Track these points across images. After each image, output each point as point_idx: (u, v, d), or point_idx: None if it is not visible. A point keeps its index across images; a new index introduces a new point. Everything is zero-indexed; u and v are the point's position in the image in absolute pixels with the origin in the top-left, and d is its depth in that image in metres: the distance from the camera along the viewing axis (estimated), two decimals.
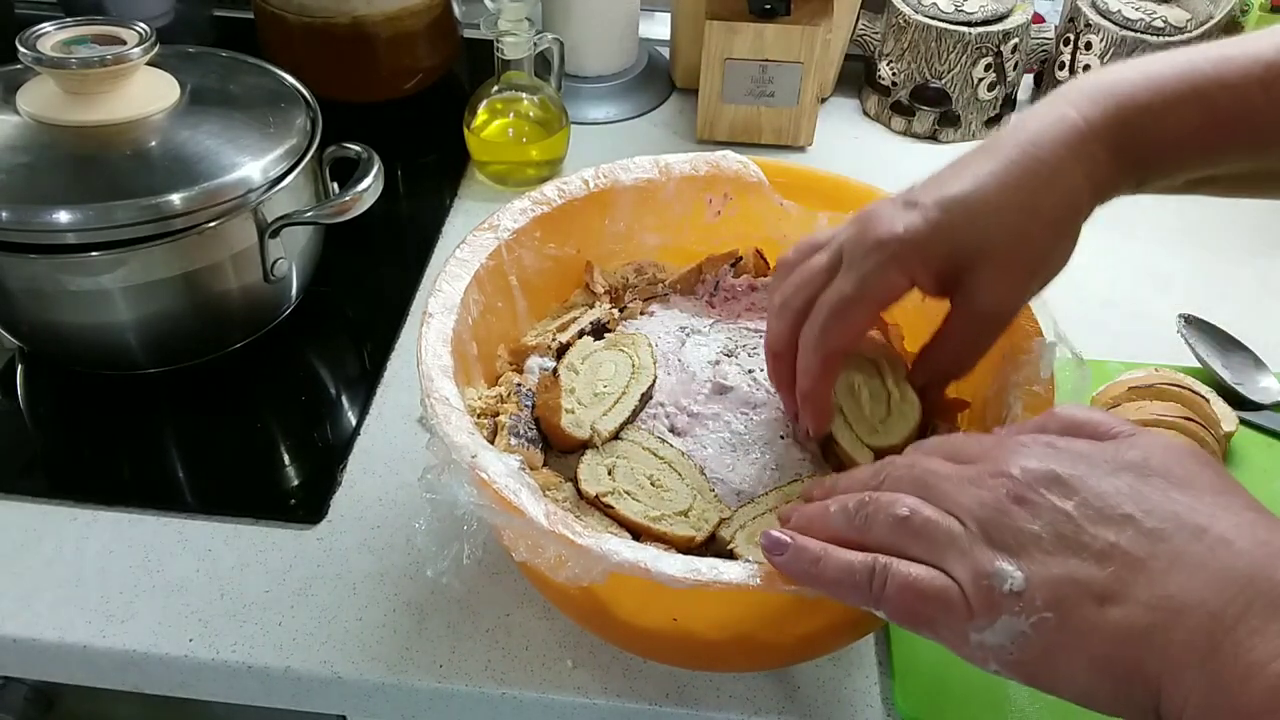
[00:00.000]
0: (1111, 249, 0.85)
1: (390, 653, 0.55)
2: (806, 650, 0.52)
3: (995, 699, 0.53)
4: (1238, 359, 0.72)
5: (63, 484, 0.63)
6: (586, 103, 0.99)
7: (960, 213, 0.43)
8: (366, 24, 0.90)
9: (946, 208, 0.43)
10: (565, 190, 0.60)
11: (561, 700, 0.53)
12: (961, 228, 0.43)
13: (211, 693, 0.56)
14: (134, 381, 0.69)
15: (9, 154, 0.61)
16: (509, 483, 0.43)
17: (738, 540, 0.48)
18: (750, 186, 0.62)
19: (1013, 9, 0.95)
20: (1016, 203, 0.43)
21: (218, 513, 0.61)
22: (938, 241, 0.44)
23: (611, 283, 0.63)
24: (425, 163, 0.93)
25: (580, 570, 0.41)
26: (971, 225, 0.43)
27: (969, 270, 0.44)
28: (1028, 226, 0.44)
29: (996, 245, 0.44)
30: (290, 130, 0.67)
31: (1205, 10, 0.94)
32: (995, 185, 0.43)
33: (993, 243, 0.44)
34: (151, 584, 0.57)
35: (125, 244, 0.60)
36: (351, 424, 0.67)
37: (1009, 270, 0.45)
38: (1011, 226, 0.43)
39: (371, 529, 0.61)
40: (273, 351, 0.72)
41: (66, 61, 0.61)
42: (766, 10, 0.88)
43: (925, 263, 0.44)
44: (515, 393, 0.55)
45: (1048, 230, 0.44)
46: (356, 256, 0.81)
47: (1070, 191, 0.44)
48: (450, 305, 0.53)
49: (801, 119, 0.93)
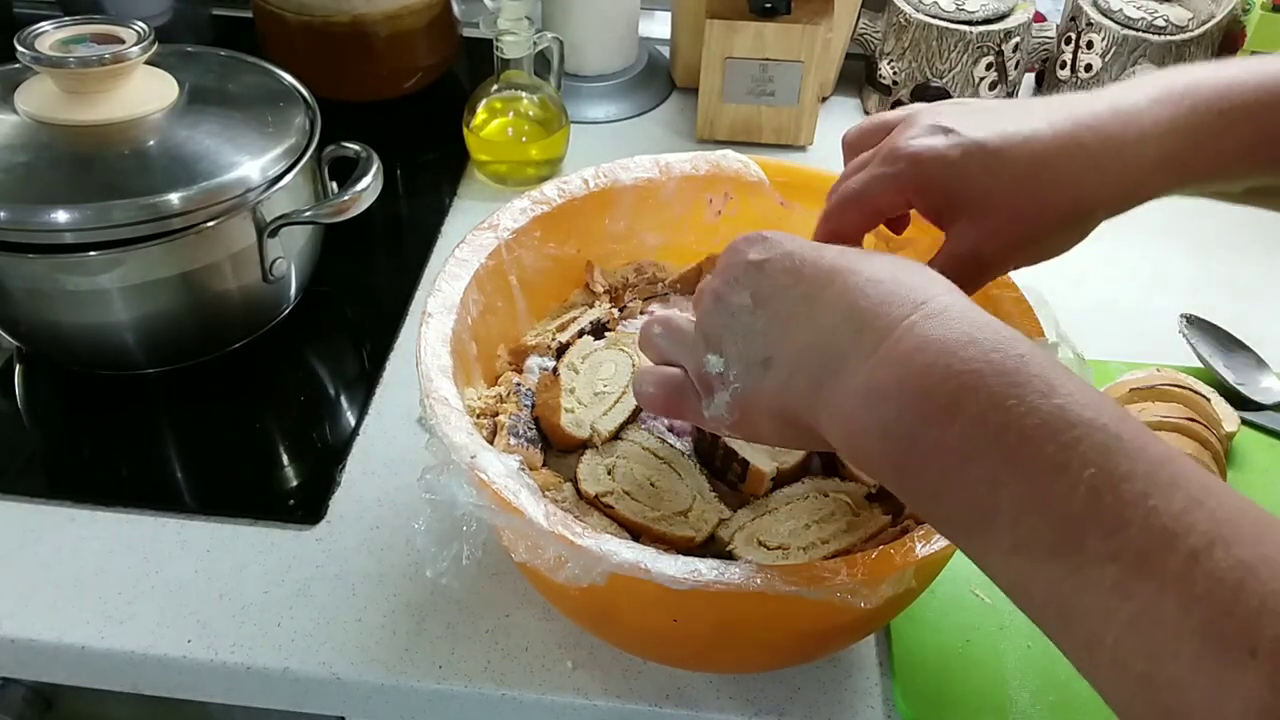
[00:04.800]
0: (1113, 249, 0.85)
1: (389, 653, 0.54)
2: (807, 651, 0.52)
3: (996, 699, 0.53)
4: (1239, 359, 0.72)
5: (61, 484, 0.63)
6: (586, 102, 0.99)
7: (979, 161, 0.43)
8: (366, 23, 0.89)
9: (969, 151, 0.43)
10: (565, 190, 0.60)
11: (561, 701, 0.53)
12: (974, 176, 0.43)
13: (210, 693, 0.56)
14: (132, 381, 0.69)
15: (7, 153, 0.61)
16: (508, 483, 0.43)
17: (737, 540, 0.48)
18: (750, 186, 0.62)
19: (1014, 8, 0.95)
20: (1038, 178, 0.43)
21: (217, 513, 0.61)
22: (945, 178, 0.43)
23: (611, 282, 0.63)
24: (425, 162, 0.93)
25: (580, 570, 0.41)
26: (984, 177, 0.43)
27: (965, 216, 0.44)
28: (1038, 207, 0.43)
29: (998, 208, 0.44)
30: (289, 129, 0.67)
31: (1207, 9, 0.93)
32: (1026, 152, 0.43)
33: (995, 205, 0.44)
34: (150, 584, 0.57)
35: (123, 244, 0.60)
36: (351, 424, 0.67)
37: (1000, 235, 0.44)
38: (1022, 197, 0.43)
39: (371, 529, 0.61)
40: (272, 351, 0.72)
41: (65, 61, 0.61)
42: (767, 9, 0.88)
43: (924, 193, 0.44)
44: (515, 392, 0.55)
45: (1055, 219, 0.44)
46: (356, 256, 0.81)
47: (1096, 188, 0.43)
48: (450, 305, 0.53)
49: (802, 118, 0.93)
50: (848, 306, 0.36)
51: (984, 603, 0.57)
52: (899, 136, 0.45)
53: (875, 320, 0.35)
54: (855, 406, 0.35)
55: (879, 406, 0.34)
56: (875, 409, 0.34)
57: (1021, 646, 0.55)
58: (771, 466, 0.51)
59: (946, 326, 0.34)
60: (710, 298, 0.41)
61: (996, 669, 0.54)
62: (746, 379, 0.40)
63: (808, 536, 0.48)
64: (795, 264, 0.39)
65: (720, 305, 0.41)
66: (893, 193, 0.45)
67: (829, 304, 0.37)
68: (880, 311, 0.35)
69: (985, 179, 0.43)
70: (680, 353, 0.43)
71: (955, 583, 0.57)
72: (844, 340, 0.36)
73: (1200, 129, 0.44)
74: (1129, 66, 0.94)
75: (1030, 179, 0.43)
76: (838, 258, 0.38)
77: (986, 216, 0.44)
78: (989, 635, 0.56)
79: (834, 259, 0.38)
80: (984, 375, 0.32)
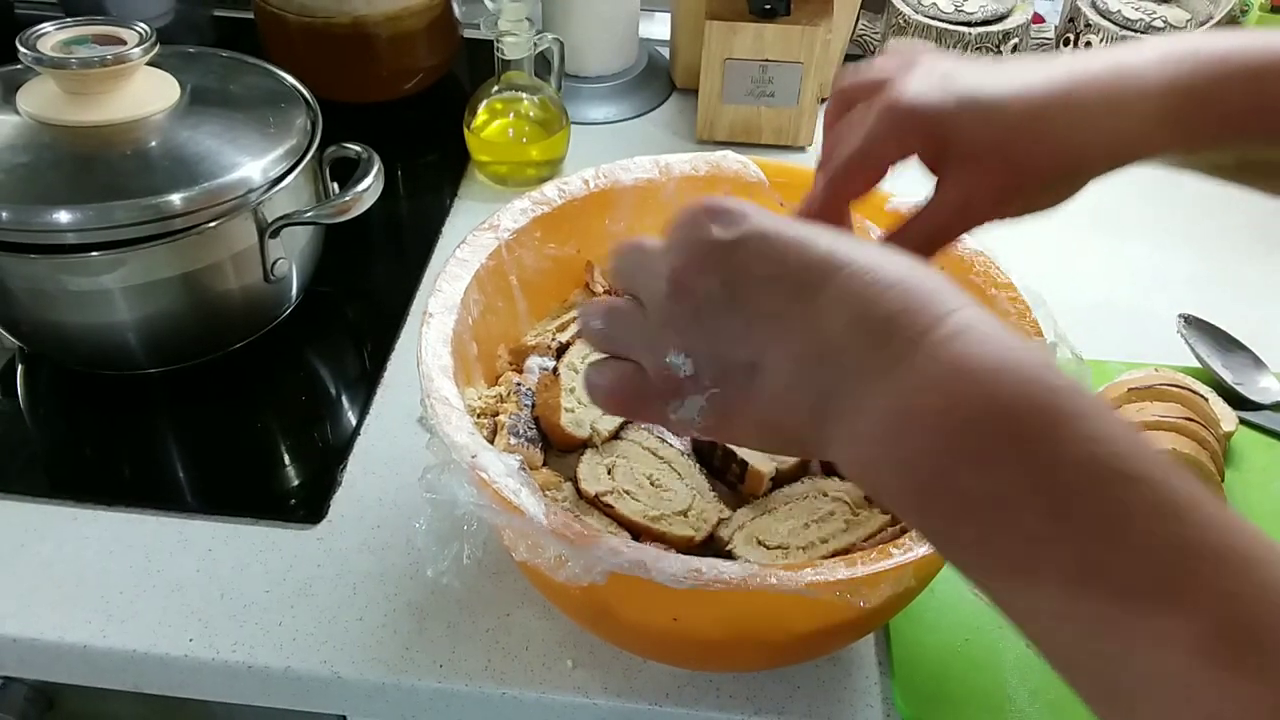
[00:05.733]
0: (1111, 249, 0.85)
1: (390, 653, 0.55)
2: (806, 650, 0.52)
3: (995, 699, 0.53)
4: (1238, 359, 0.72)
5: (63, 484, 0.63)
6: (586, 103, 0.99)
7: (975, 114, 0.43)
8: (367, 24, 0.90)
9: (965, 103, 0.43)
10: (565, 190, 0.60)
11: (561, 700, 0.53)
12: (967, 127, 0.43)
13: (211, 693, 0.56)
14: (134, 381, 0.69)
15: (9, 154, 0.61)
16: (509, 482, 0.43)
17: (737, 540, 0.48)
18: (750, 186, 0.62)
19: (1012, 9, 0.95)
20: (1031, 130, 0.43)
21: (218, 513, 0.61)
22: (941, 128, 0.43)
23: (611, 283, 0.63)
24: (425, 163, 0.93)
25: (580, 570, 0.41)
26: (978, 126, 0.43)
27: (957, 164, 0.44)
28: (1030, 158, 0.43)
29: (990, 158, 0.43)
30: (290, 130, 0.67)
31: (1205, 10, 0.94)
32: (1021, 104, 0.43)
33: (987, 154, 0.43)
34: (151, 584, 0.57)
35: (125, 244, 0.60)
36: (351, 424, 0.67)
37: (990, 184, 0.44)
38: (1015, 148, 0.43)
39: (371, 529, 0.61)
40: (273, 351, 0.72)
41: (67, 61, 0.61)
42: (766, 10, 0.88)
43: (923, 141, 0.44)
44: (515, 392, 0.55)
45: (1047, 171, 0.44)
46: (357, 257, 0.81)
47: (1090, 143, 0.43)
48: (450, 305, 0.53)
49: (801, 119, 0.93)
50: (855, 312, 0.33)
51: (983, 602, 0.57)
52: (895, 87, 0.44)
53: (893, 333, 0.32)
54: (874, 434, 0.32)
55: (906, 438, 0.31)
56: (901, 440, 0.31)
57: (1020, 645, 0.55)
58: (771, 467, 0.51)
59: (979, 346, 0.31)
60: (668, 282, 0.36)
61: (995, 668, 0.55)
62: (727, 386, 0.36)
63: (807, 536, 0.48)
64: (778, 251, 0.34)
65: (682, 293, 0.36)
66: (894, 144, 0.44)
67: (829, 305, 0.33)
68: (898, 321, 0.32)
69: (979, 129, 0.43)
70: (633, 345, 0.38)
71: (954, 582, 0.57)
72: (855, 353, 0.32)
73: (1200, 90, 0.43)
74: None
75: (1024, 130, 0.43)
76: (831, 248, 0.34)
77: (978, 165, 0.43)
78: (988, 634, 0.56)
79: (827, 249, 0.34)
80: (1027, 410, 0.29)
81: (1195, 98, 0.43)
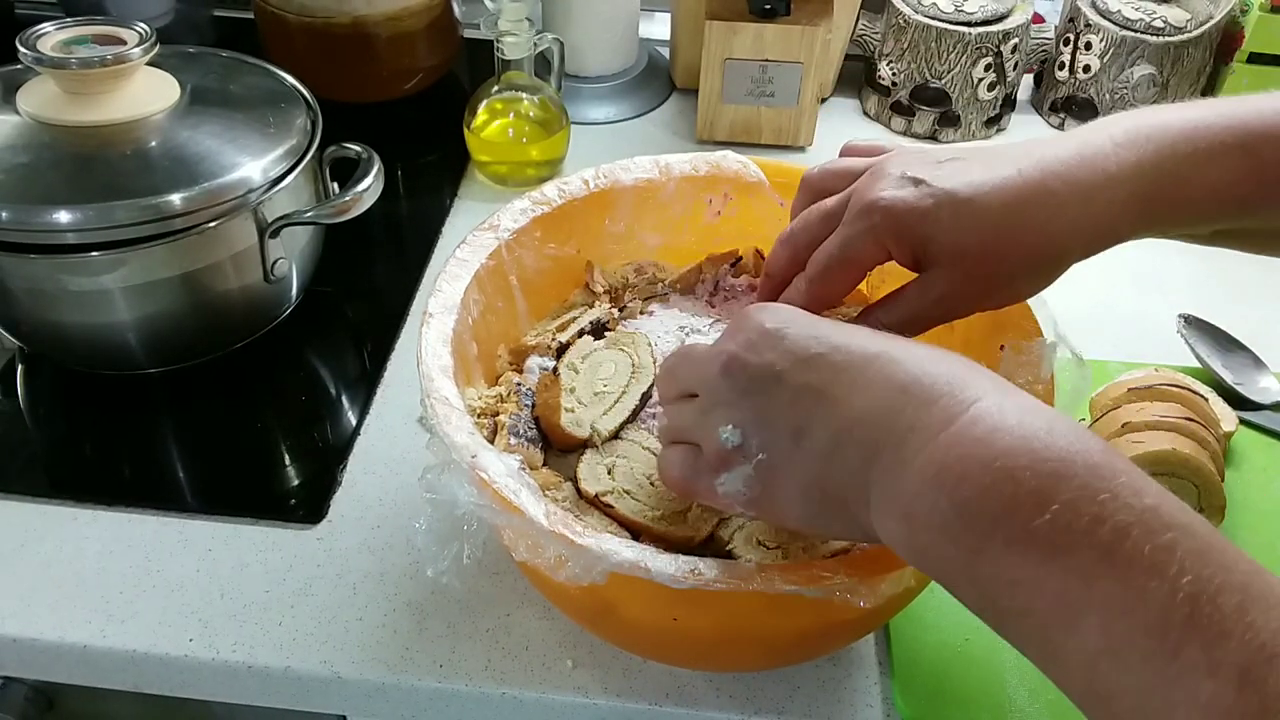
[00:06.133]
0: (1111, 250, 0.85)
1: (390, 653, 0.55)
2: (806, 650, 0.52)
3: (995, 699, 0.53)
4: (1238, 359, 0.72)
5: (63, 484, 0.63)
6: (586, 103, 0.99)
7: (949, 212, 0.43)
8: (367, 24, 0.90)
9: (940, 201, 0.43)
10: (565, 190, 0.60)
11: (561, 700, 0.53)
12: (946, 225, 0.43)
13: (211, 692, 0.56)
14: (134, 381, 0.69)
15: (9, 154, 0.61)
16: (509, 482, 0.43)
17: (737, 540, 0.48)
18: (750, 186, 0.62)
19: (1012, 9, 0.95)
20: (1008, 226, 0.43)
21: (218, 513, 0.61)
22: (918, 228, 0.44)
23: (611, 282, 0.63)
24: (425, 163, 0.93)
25: (580, 570, 0.41)
26: (956, 226, 0.43)
27: (935, 263, 0.45)
28: (1008, 254, 0.44)
29: (970, 256, 0.44)
30: (290, 130, 0.67)
31: (1205, 10, 0.94)
32: (996, 200, 0.43)
33: (966, 253, 0.44)
34: (151, 584, 0.57)
35: (125, 244, 0.60)
36: (351, 424, 0.67)
37: (971, 281, 0.45)
38: (993, 245, 0.43)
39: (371, 529, 0.61)
40: (273, 351, 0.72)
41: (67, 61, 0.61)
42: (766, 10, 0.88)
43: (899, 243, 0.44)
44: (515, 392, 0.55)
45: (1026, 265, 0.44)
46: (357, 257, 0.81)
47: (1066, 234, 0.44)
48: (450, 305, 0.53)
49: (801, 119, 0.93)
50: (903, 382, 0.35)
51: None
52: (870, 189, 0.45)
53: (941, 398, 0.34)
54: (921, 486, 0.33)
55: (954, 488, 0.32)
56: (949, 490, 0.32)
57: None
58: None
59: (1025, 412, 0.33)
60: (719, 364, 0.39)
61: (995, 667, 0.55)
62: (774, 450, 0.38)
63: (807, 536, 0.48)
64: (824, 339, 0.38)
65: (736, 369, 0.39)
66: (872, 246, 0.45)
67: (876, 378, 0.36)
68: (944, 390, 0.34)
69: (957, 228, 0.43)
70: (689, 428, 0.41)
71: None
72: (906, 413, 0.34)
73: (1166, 172, 0.44)
74: (1127, 68, 0.94)
75: (1000, 227, 0.43)
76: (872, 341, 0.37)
77: (958, 264, 0.44)
78: (988, 634, 0.55)
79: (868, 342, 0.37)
80: (1073, 465, 0.31)
81: (1159, 183, 0.44)
